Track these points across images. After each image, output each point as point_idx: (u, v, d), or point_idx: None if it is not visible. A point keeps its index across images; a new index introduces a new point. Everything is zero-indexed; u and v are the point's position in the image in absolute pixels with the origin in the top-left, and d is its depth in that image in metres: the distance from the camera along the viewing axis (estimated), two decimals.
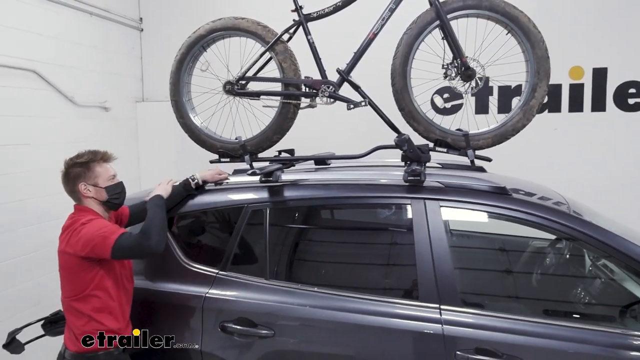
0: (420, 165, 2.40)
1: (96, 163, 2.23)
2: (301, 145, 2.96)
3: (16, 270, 3.66)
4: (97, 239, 2.04)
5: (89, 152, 2.25)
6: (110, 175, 2.25)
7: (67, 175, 2.22)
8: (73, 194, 2.24)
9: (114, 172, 2.28)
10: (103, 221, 2.16)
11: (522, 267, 2.81)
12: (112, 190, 2.23)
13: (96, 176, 2.21)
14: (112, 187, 2.23)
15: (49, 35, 3.97)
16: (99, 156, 2.25)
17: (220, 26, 2.78)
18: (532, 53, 2.48)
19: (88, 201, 2.23)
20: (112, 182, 2.24)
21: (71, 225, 2.15)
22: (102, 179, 2.22)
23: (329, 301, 2.22)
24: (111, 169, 2.27)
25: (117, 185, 2.26)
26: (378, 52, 2.69)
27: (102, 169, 2.23)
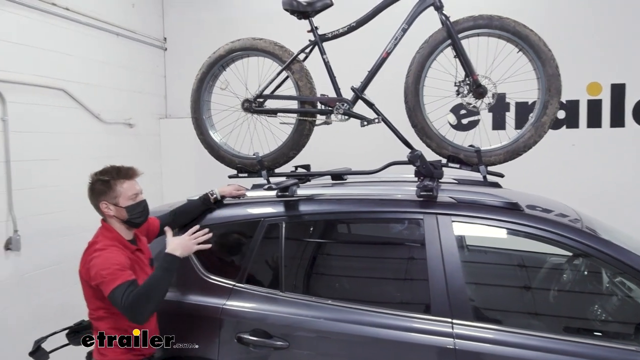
0: (432, 180, 2.44)
1: (118, 181, 2.18)
2: (317, 161, 3.02)
3: (43, 281, 3.79)
4: (101, 279, 2.00)
5: (112, 168, 2.22)
6: (132, 194, 2.19)
7: (91, 190, 2.22)
8: (97, 209, 2.24)
9: (137, 191, 2.22)
10: (113, 256, 2.06)
11: (535, 282, 2.80)
12: (133, 210, 2.19)
13: (117, 195, 2.17)
14: (132, 206, 2.19)
15: (77, 55, 4.15)
16: (122, 174, 2.20)
17: (239, 46, 2.88)
18: (543, 71, 2.51)
19: (111, 220, 2.21)
20: (133, 202, 2.19)
21: (90, 247, 2.15)
22: (123, 198, 2.17)
23: (343, 314, 2.25)
24: (134, 187, 2.22)
25: (138, 204, 2.21)
26: (391, 70, 2.75)
27: (124, 187, 2.18)
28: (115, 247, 2.13)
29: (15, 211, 3.52)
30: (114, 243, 2.15)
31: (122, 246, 2.18)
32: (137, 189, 2.24)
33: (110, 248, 2.11)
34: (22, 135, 3.59)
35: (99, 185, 2.19)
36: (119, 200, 2.17)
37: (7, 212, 3.49)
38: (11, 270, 3.54)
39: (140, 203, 2.23)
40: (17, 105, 3.55)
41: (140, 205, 2.23)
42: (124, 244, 2.20)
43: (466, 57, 2.56)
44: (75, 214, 4.05)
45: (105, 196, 2.17)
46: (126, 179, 2.21)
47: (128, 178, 2.22)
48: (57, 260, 3.90)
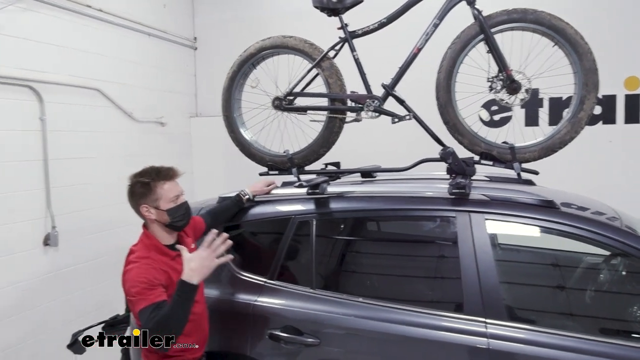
0: (465, 178, 2.40)
1: (158, 184, 2.08)
2: (347, 158, 3.02)
3: (80, 276, 3.90)
4: (130, 296, 1.96)
5: (152, 169, 2.13)
6: (173, 197, 2.09)
7: (131, 193, 2.13)
8: (137, 213, 2.15)
9: (178, 192, 2.12)
10: (142, 272, 1.97)
11: (571, 282, 2.74)
12: (174, 212, 2.09)
13: (157, 198, 2.07)
14: (174, 209, 2.09)
15: (111, 55, 4.25)
16: (162, 176, 2.11)
17: (270, 45, 2.90)
18: (580, 65, 2.44)
19: (152, 224, 2.13)
20: (174, 204, 2.09)
21: (129, 255, 2.09)
22: (164, 200, 2.07)
23: (374, 312, 2.25)
24: (175, 189, 2.12)
25: (180, 207, 2.11)
26: (422, 66, 2.72)
27: (164, 190, 2.08)
28: (149, 258, 2.03)
29: (53, 208, 3.63)
30: (149, 253, 2.06)
31: (161, 254, 2.09)
32: (179, 190, 2.14)
33: (143, 260, 2.02)
34: (59, 134, 3.71)
35: (139, 187, 2.10)
36: (160, 203, 2.07)
37: (45, 209, 3.61)
38: (49, 266, 3.66)
39: (182, 205, 2.13)
40: (54, 105, 3.66)
41: (182, 207, 2.13)
42: (163, 252, 2.11)
43: (499, 52, 2.51)
44: (110, 211, 4.16)
45: (146, 199, 2.08)
46: (167, 180, 2.11)
47: (168, 179, 2.12)
48: (93, 256, 4.01)
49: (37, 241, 3.57)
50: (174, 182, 2.14)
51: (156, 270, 2.00)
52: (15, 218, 3.40)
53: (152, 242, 2.11)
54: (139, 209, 2.11)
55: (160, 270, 2.02)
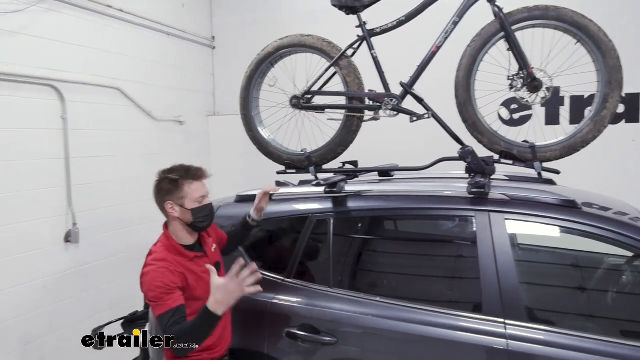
0: (484, 177, 2.38)
1: (186, 182, 2.09)
2: (365, 157, 3.01)
3: (100, 272, 3.96)
4: (148, 300, 2.00)
5: (181, 167, 2.13)
6: (199, 197, 2.10)
7: (158, 188, 2.13)
8: (161, 209, 2.15)
9: (204, 193, 2.13)
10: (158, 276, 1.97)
11: (592, 283, 2.69)
12: (198, 213, 2.09)
13: (183, 196, 2.08)
14: (198, 209, 2.09)
15: (131, 55, 4.30)
16: (190, 174, 2.11)
17: (287, 43, 2.90)
18: (603, 62, 2.39)
19: (174, 222, 2.13)
20: (199, 204, 2.10)
21: (147, 256, 2.10)
22: (190, 199, 2.08)
23: (392, 311, 2.24)
24: (201, 189, 2.12)
25: (204, 208, 2.11)
26: (442, 64, 2.70)
27: (191, 189, 2.09)
28: (165, 261, 2.03)
29: (74, 205, 3.69)
30: (167, 255, 2.07)
31: (178, 255, 2.09)
32: (205, 191, 2.14)
33: (160, 263, 2.02)
34: (80, 133, 3.76)
35: (166, 184, 2.10)
36: (185, 202, 2.08)
37: (66, 206, 3.67)
38: (70, 262, 3.71)
39: (206, 206, 2.13)
40: (76, 104, 3.72)
41: (206, 208, 2.13)
42: (180, 253, 2.10)
43: (520, 49, 2.48)
44: (129, 209, 4.21)
45: (172, 196, 2.09)
46: (195, 179, 2.12)
47: (197, 179, 2.13)
48: (112, 252, 4.07)
49: (59, 238, 3.64)
50: (201, 183, 2.14)
51: (172, 274, 2.00)
52: (38, 215, 3.47)
53: (170, 242, 2.12)
54: (163, 205, 2.11)
55: (176, 273, 2.02)
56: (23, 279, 3.37)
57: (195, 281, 2.08)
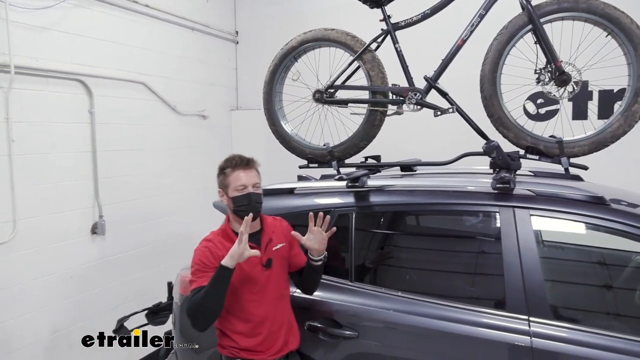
0: (509, 172, 2.35)
1: (229, 171, 2.17)
2: (388, 151, 2.99)
3: (126, 263, 4.04)
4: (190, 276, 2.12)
5: (231, 157, 2.22)
6: (239, 185, 2.14)
7: (217, 176, 2.25)
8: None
9: (244, 182, 2.14)
10: (199, 254, 2.11)
11: (620, 282, 2.63)
12: (238, 201, 2.14)
13: (226, 185, 2.17)
14: (237, 198, 2.14)
15: (156, 50, 4.36)
16: (233, 163, 2.18)
17: (311, 37, 2.90)
18: (635, 55, 2.33)
19: (229, 209, 2.23)
20: (238, 193, 2.14)
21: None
22: (231, 188, 2.15)
23: (413, 306, 2.24)
24: (242, 178, 2.15)
25: (243, 197, 2.14)
26: (466, 58, 2.67)
27: (232, 177, 2.16)
28: (211, 241, 2.15)
29: (101, 198, 3.76)
30: (215, 236, 2.19)
31: (226, 239, 2.16)
32: (248, 181, 2.16)
33: (205, 243, 2.16)
34: (106, 127, 3.83)
35: (218, 172, 2.23)
36: (228, 190, 2.17)
37: (93, 198, 3.75)
38: (97, 254, 3.80)
39: (245, 196, 2.14)
40: (103, 98, 3.79)
41: (246, 198, 2.14)
42: (229, 237, 2.16)
43: (549, 43, 2.43)
44: (154, 202, 4.29)
45: (220, 184, 2.22)
46: (236, 168, 2.17)
47: (238, 168, 2.17)
48: (138, 244, 4.15)
49: (86, 230, 3.72)
50: (244, 172, 2.18)
51: (212, 254, 2.10)
52: (66, 207, 3.55)
53: (226, 226, 2.22)
54: (218, 191, 2.25)
55: (217, 254, 2.10)
56: (51, 269, 3.46)
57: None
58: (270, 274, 2.19)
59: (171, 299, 2.85)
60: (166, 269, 4.12)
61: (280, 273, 2.24)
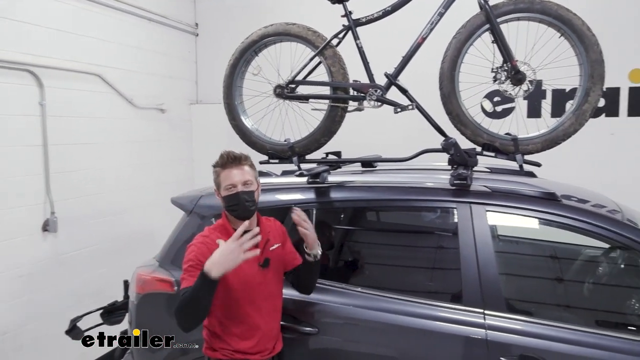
0: (467, 169, 2.39)
1: (219, 169, 2.08)
2: (348, 147, 3.00)
3: (80, 262, 3.91)
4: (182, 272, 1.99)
5: (221, 155, 2.10)
6: (228, 185, 2.04)
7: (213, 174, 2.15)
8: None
9: (233, 182, 2.04)
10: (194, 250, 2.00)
11: (571, 275, 2.74)
12: (228, 201, 2.05)
13: (220, 183, 2.08)
14: (227, 197, 2.05)
15: (112, 41, 4.22)
16: (222, 162, 2.08)
17: (272, 32, 2.87)
18: (586, 56, 2.42)
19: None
20: (228, 192, 2.05)
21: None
22: (222, 187, 2.07)
23: (373, 301, 2.25)
24: (231, 177, 2.04)
25: (232, 197, 2.04)
26: (427, 56, 2.70)
27: (222, 177, 2.07)
28: (207, 237, 2.05)
29: (53, 194, 3.62)
30: (212, 232, 2.08)
31: (224, 234, 2.04)
32: (237, 180, 2.04)
33: (200, 239, 2.05)
34: (58, 120, 3.69)
35: (213, 171, 2.13)
36: (220, 189, 2.09)
37: (44, 194, 3.60)
38: (48, 251, 3.66)
39: (234, 196, 2.03)
40: (55, 90, 3.64)
41: (235, 198, 2.04)
42: (227, 233, 2.05)
43: (505, 42, 2.49)
44: (110, 197, 4.16)
45: (214, 182, 2.12)
46: (224, 167, 2.07)
47: (226, 167, 2.07)
48: (94, 242, 4.02)
49: (36, 227, 3.57)
50: (233, 170, 2.05)
51: (210, 250, 1.93)
52: (14, 203, 3.40)
53: (224, 222, 2.14)
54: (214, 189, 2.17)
55: (212, 250, 1.93)
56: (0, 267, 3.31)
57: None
58: (267, 274, 2.12)
59: (127, 297, 2.78)
60: (123, 267, 3.97)
61: (275, 274, 2.17)
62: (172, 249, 2.66)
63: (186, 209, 2.70)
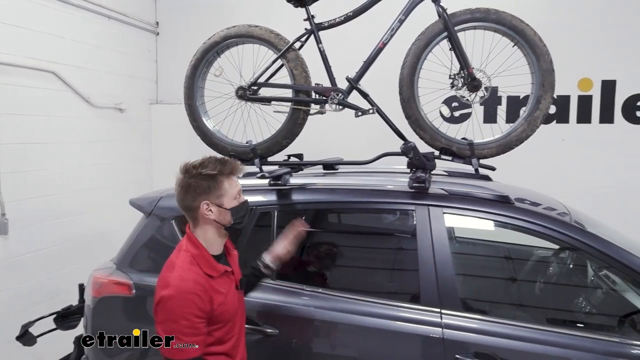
0: (425, 172, 2.45)
1: (225, 177, 1.80)
2: (310, 150, 3.02)
3: (32, 265, 3.76)
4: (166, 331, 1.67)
5: (216, 160, 1.83)
6: (236, 193, 1.83)
7: (190, 188, 1.78)
8: (189, 211, 1.82)
9: (239, 189, 1.86)
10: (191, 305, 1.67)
11: (523, 274, 2.85)
12: (237, 212, 1.82)
13: (222, 194, 1.79)
14: (237, 208, 1.82)
15: (67, 37, 4.09)
16: (228, 168, 1.82)
17: (234, 33, 2.86)
18: (538, 65, 2.52)
19: (206, 226, 1.82)
20: (238, 202, 1.83)
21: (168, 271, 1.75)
22: (228, 197, 1.80)
23: (333, 303, 2.27)
24: (238, 184, 1.86)
25: (243, 205, 1.85)
26: (387, 61, 2.75)
27: (230, 184, 1.81)
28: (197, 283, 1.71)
29: (3, 195, 3.48)
30: (196, 271, 1.74)
31: (209, 268, 1.79)
32: (240, 188, 1.88)
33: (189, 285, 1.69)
34: (10, 118, 3.55)
35: (202, 180, 1.78)
36: (224, 201, 1.79)
37: None
38: None
39: (244, 204, 1.87)
40: (5, 87, 3.50)
41: (245, 206, 1.87)
42: (212, 266, 1.80)
43: (462, 49, 2.57)
44: (65, 199, 4.03)
45: (209, 195, 1.78)
46: (232, 173, 1.83)
47: (235, 173, 1.84)
48: (47, 244, 3.89)
49: None
50: (235, 177, 1.87)
51: (202, 300, 1.70)
52: None
53: (200, 252, 1.80)
54: (198, 205, 1.79)
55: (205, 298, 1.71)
56: None
57: (220, 305, 1.78)
58: (241, 296, 1.98)
59: (83, 301, 2.71)
60: (78, 270, 3.88)
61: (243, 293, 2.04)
62: (130, 251, 2.61)
63: (145, 210, 2.65)
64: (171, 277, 1.71)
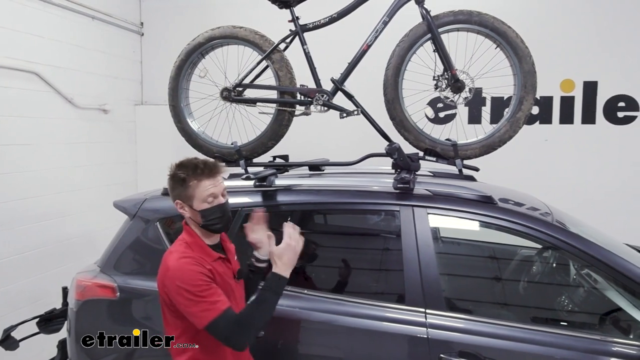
0: (409, 173, 2.47)
1: (193, 181, 1.85)
2: (295, 151, 3.03)
3: (15, 268, 3.71)
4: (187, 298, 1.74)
5: (190, 163, 1.89)
6: (207, 196, 1.86)
7: (168, 185, 1.93)
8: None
9: (214, 192, 1.88)
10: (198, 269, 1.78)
11: (507, 274, 2.87)
12: (208, 215, 1.87)
13: (191, 196, 1.86)
14: (207, 211, 1.86)
15: (50, 38, 4.04)
16: (199, 172, 1.86)
17: (219, 34, 2.85)
18: (520, 67, 2.56)
19: (190, 221, 1.93)
20: (208, 205, 1.86)
21: (168, 257, 1.86)
22: (198, 199, 1.86)
23: (319, 304, 2.28)
24: (212, 188, 1.87)
25: (214, 209, 1.87)
26: (371, 62, 2.76)
27: (199, 188, 1.85)
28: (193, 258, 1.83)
29: None
30: (191, 252, 1.86)
31: (203, 253, 1.89)
32: (217, 190, 1.89)
33: (189, 258, 1.82)
34: None
35: (174, 181, 1.89)
36: (194, 202, 1.86)
37: None
38: None
39: (218, 207, 1.88)
40: None
41: (218, 210, 1.89)
42: (205, 251, 1.91)
43: (445, 51, 2.59)
44: (49, 201, 3.98)
45: (179, 195, 1.88)
46: (203, 177, 1.86)
47: (205, 177, 1.87)
48: (30, 247, 3.83)
49: None
50: (213, 180, 1.89)
51: (205, 269, 1.81)
52: None
53: (194, 239, 1.92)
54: (174, 202, 1.93)
55: (206, 269, 1.82)
56: None
57: (221, 283, 1.86)
58: (238, 286, 2.01)
59: (66, 304, 2.68)
60: (61, 273, 3.85)
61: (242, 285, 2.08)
62: (114, 253, 2.58)
63: (129, 212, 2.63)
64: (169, 259, 1.83)
